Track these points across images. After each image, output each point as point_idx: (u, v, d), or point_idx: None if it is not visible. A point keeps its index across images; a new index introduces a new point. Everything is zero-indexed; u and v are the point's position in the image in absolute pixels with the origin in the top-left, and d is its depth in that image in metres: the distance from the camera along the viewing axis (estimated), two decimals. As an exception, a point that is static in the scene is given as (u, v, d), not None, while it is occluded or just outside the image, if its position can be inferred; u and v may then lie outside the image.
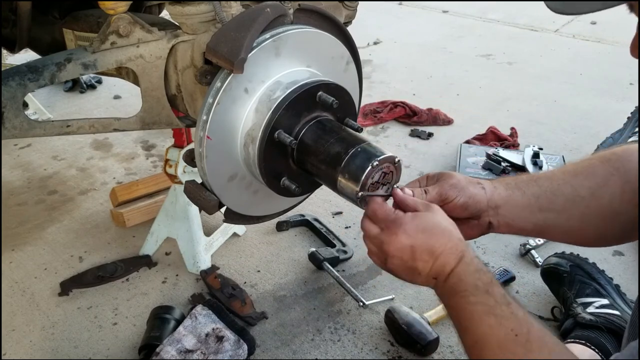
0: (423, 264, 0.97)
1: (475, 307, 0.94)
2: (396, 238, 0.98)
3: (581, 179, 1.12)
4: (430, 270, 0.98)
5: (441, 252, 0.97)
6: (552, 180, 1.14)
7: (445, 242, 0.97)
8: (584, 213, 1.12)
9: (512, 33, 4.17)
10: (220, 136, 1.13)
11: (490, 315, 0.92)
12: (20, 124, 1.18)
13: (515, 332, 0.90)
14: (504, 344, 0.90)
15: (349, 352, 1.61)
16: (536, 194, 1.13)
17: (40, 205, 2.30)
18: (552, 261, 1.73)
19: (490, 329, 0.91)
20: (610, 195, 1.10)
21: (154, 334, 1.60)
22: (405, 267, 0.99)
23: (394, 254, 0.99)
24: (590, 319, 1.51)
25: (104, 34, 1.20)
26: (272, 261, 1.97)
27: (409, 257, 0.98)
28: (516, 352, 0.89)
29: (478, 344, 0.93)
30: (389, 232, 0.99)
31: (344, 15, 1.55)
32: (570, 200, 1.12)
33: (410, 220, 0.98)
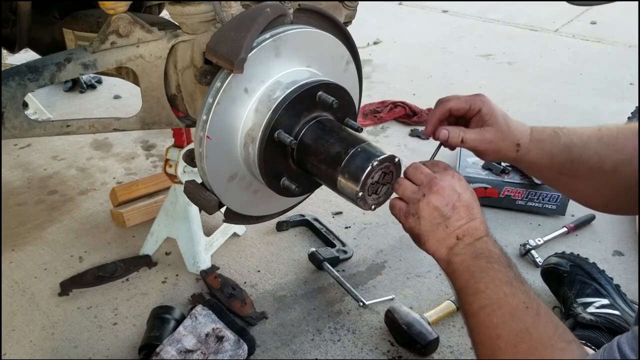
0: (458, 217, 1.02)
1: (496, 274, 0.97)
2: (452, 179, 1.03)
3: (611, 151, 1.13)
4: (460, 227, 1.02)
5: (476, 217, 1.02)
6: (584, 150, 1.15)
7: (480, 212, 1.04)
8: (600, 184, 1.15)
9: (512, 33, 4.17)
10: (220, 136, 1.13)
11: (508, 284, 0.96)
12: (20, 124, 1.18)
13: (526, 305, 0.93)
14: (515, 311, 0.93)
15: (349, 352, 1.61)
16: (563, 162, 1.16)
17: (40, 205, 2.30)
18: (552, 261, 1.73)
19: (505, 297, 0.95)
20: (631, 173, 1.11)
21: (154, 334, 1.60)
22: (439, 213, 1.02)
23: (441, 192, 1.02)
24: (591, 319, 1.51)
25: (104, 34, 1.20)
26: (272, 261, 1.97)
27: (451, 202, 1.02)
28: (526, 321, 0.92)
29: (489, 307, 0.95)
30: (448, 173, 1.04)
31: (344, 15, 1.55)
32: (593, 171, 1.15)
33: (444, 179, 1.03)
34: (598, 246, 1.99)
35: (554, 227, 2.07)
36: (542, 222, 2.12)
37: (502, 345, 0.92)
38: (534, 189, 2.13)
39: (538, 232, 2.05)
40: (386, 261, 1.95)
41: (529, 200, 2.15)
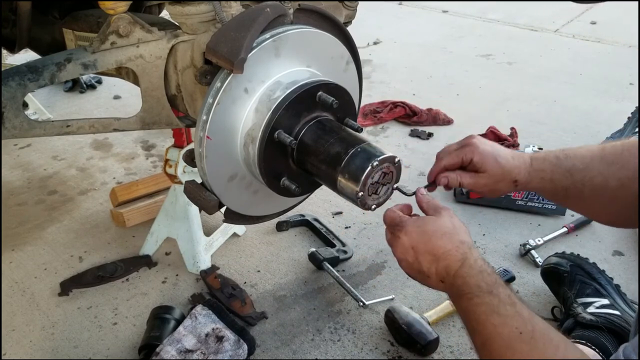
0: (427, 265, 1.02)
1: (479, 308, 0.95)
2: (399, 240, 1.05)
3: (615, 170, 1.13)
4: (435, 272, 1.01)
5: (442, 254, 1.00)
6: (587, 172, 1.15)
7: (445, 245, 1.00)
8: (608, 202, 1.15)
9: (512, 33, 4.17)
10: (220, 136, 1.13)
11: (494, 314, 0.93)
12: (20, 124, 1.18)
13: (519, 330, 0.91)
14: (509, 342, 0.91)
15: (349, 352, 1.61)
16: (566, 186, 1.16)
17: (40, 205, 2.30)
18: (552, 261, 1.73)
19: (495, 328, 0.93)
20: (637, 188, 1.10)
21: (154, 334, 1.60)
22: (413, 269, 1.05)
23: (400, 256, 1.05)
24: (591, 319, 1.51)
25: (104, 34, 1.20)
26: (272, 261, 1.97)
27: (413, 259, 1.03)
28: (522, 350, 0.90)
29: (486, 344, 0.95)
30: (394, 236, 1.07)
31: (344, 15, 1.55)
32: (598, 191, 1.14)
33: (412, 224, 1.04)
34: (598, 246, 1.99)
35: (554, 227, 2.07)
36: (542, 222, 2.12)
37: None
38: (534, 189, 2.13)
39: (538, 232, 2.05)
40: (386, 261, 1.94)
41: (529, 200, 2.14)
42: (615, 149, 1.16)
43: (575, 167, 1.16)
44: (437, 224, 1.03)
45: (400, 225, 1.05)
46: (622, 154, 1.14)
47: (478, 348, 0.97)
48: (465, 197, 2.21)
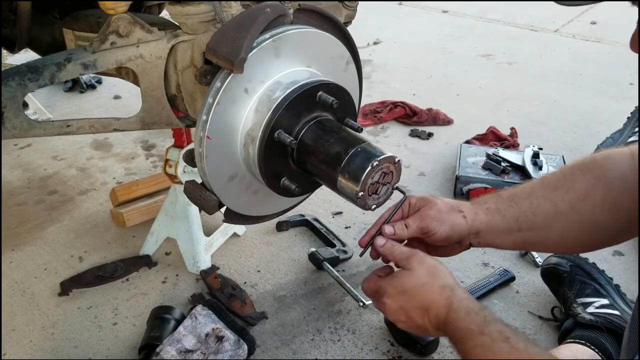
0: (420, 319, 1.02)
1: (474, 350, 0.94)
2: (385, 306, 1.05)
3: (561, 193, 1.12)
4: (429, 323, 1.01)
5: (428, 305, 1.00)
6: (532, 199, 1.14)
7: (427, 296, 1.00)
8: (565, 227, 1.12)
9: (512, 33, 4.17)
10: (220, 136, 1.13)
11: (489, 353, 0.92)
12: (20, 124, 1.18)
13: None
14: None
15: (349, 352, 1.61)
16: (515, 216, 1.14)
17: (40, 205, 2.30)
18: (552, 261, 1.73)
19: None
20: (592, 207, 1.09)
21: (154, 334, 1.60)
22: (411, 326, 1.05)
23: (393, 318, 1.06)
24: (591, 319, 1.51)
25: (104, 34, 1.20)
26: (272, 261, 1.97)
27: (406, 318, 1.04)
28: None
29: None
30: (379, 303, 1.07)
31: (344, 15, 1.55)
32: (550, 217, 1.12)
33: (389, 286, 1.04)
34: (598, 246, 1.99)
35: (554, 227, 2.07)
36: (542, 222, 2.12)
37: None
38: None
39: (538, 232, 2.05)
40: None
41: (529, 200, 2.14)
42: (555, 175, 1.16)
43: (517, 196, 1.15)
44: (413, 279, 1.02)
45: (380, 293, 1.05)
46: (565, 178, 1.14)
47: None
48: (466, 197, 2.20)
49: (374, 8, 4.55)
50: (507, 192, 1.17)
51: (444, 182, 2.38)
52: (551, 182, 1.15)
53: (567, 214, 1.11)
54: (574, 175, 1.13)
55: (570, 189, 1.11)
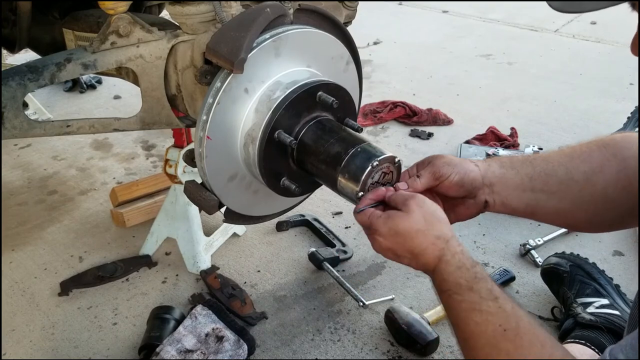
0: (408, 261, 1.02)
1: (460, 305, 0.94)
2: (376, 242, 1.04)
3: (577, 162, 1.12)
4: (416, 266, 1.02)
5: (419, 252, 0.99)
6: (547, 162, 1.14)
7: (420, 243, 0.98)
8: (577, 196, 1.12)
9: (512, 33, 4.17)
10: (220, 136, 1.13)
11: (475, 312, 0.91)
12: (20, 124, 1.18)
13: (503, 327, 0.89)
14: (492, 340, 0.89)
15: (349, 352, 1.61)
16: (530, 174, 1.13)
17: (40, 205, 2.30)
18: (552, 261, 1.73)
19: (477, 326, 0.91)
20: (605, 181, 1.10)
21: (154, 334, 1.60)
22: (401, 262, 1.04)
23: (383, 254, 1.05)
24: (590, 319, 1.51)
25: (104, 34, 1.20)
26: (272, 261, 1.97)
27: (394, 257, 1.03)
28: (507, 349, 0.88)
29: (469, 341, 0.93)
30: (370, 237, 1.05)
31: (344, 15, 1.55)
32: (564, 183, 1.12)
33: (383, 225, 1.01)
34: (598, 246, 1.99)
35: (554, 227, 2.06)
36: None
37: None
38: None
39: (538, 232, 2.05)
40: (386, 261, 1.94)
41: (529, 200, 2.14)
42: (572, 147, 1.16)
43: (533, 157, 1.16)
44: (408, 222, 0.98)
45: (372, 228, 1.02)
46: (581, 150, 1.14)
47: (460, 344, 0.96)
48: (465, 197, 2.20)
49: (374, 8, 4.55)
50: (523, 155, 1.18)
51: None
52: (568, 152, 1.15)
53: (580, 183, 1.11)
54: (591, 149, 1.13)
55: (586, 161, 1.12)
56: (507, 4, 4.65)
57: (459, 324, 0.94)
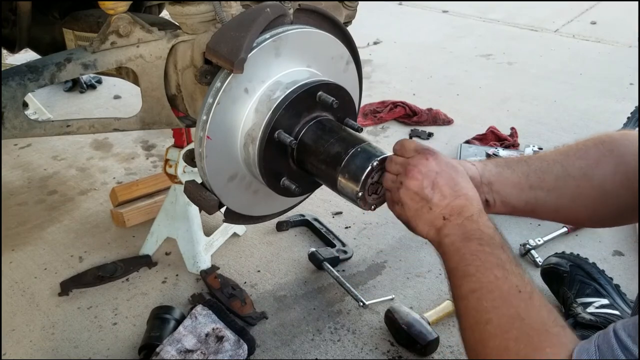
0: (440, 197, 0.99)
1: (488, 257, 0.93)
2: (426, 161, 1.00)
3: (573, 159, 1.12)
4: (445, 206, 0.99)
5: (463, 193, 0.99)
6: (543, 160, 1.14)
7: (469, 187, 1.01)
8: (575, 192, 1.12)
9: (512, 33, 4.17)
10: (220, 136, 1.13)
11: (500, 267, 0.92)
12: (20, 124, 1.18)
13: (519, 289, 0.90)
14: (507, 296, 0.90)
15: (349, 352, 1.61)
16: (526, 172, 1.13)
17: (40, 205, 2.30)
18: (552, 261, 1.73)
19: (497, 280, 0.91)
20: (602, 177, 1.10)
21: (154, 334, 1.60)
22: (420, 196, 1.00)
23: (416, 176, 1.00)
24: (590, 318, 1.51)
25: (104, 34, 1.20)
26: (272, 261, 1.97)
27: (429, 184, 0.99)
28: (518, 306, 0.88)
29: (480, 291, 0.92)
30: (420, 156, 1.01)
31: (344, 15, 1.55)
32: (561, 179, 1.12)
33: (441, 154, 1.02)
34: (598, 246, 1.99)
35: (554, 227, 2.07)
36: (542, 222, 2.12)
37: (492, 330, 0.88)
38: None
39: (538, 232, 2.05)
40: (386, 261, 1.95)
41: (529, 200, 2.14)
42: (568, 145, 1.16)
43: (528, 157, 1.16)
44: (461, 167, 1.03)
45: (431, 150, 1.02)
46: (577, 146, 1.14)
47: (463, 292, 0.94)
48: (465, 197, 2.20)
49: (374, 8, 4.55)
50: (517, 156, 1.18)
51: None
52: (563, 150, 1.15)
53: (578, 179, 1.11)
54: (587, 146, 1.13)
55: (582, 157, 1.12)
56: (507, 4, 4.65)
57: (477, 273, 0.93)
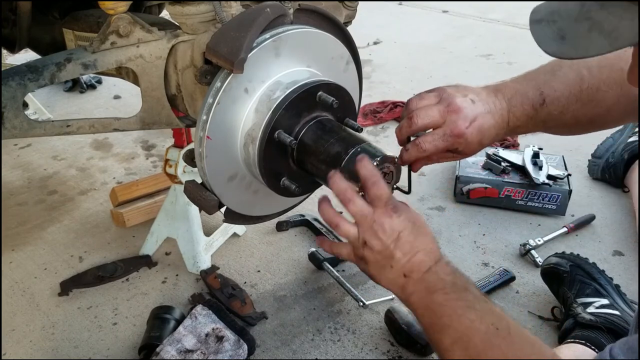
0: (401, 255, 0.98)
1: (456, 303, 0.94)
2: (391, 220, 0.98)
3: (588, 108, 1.13)
4: (405, 264, 0.98)
5: (420, 250, 0.98)
6: (560, 115, 1.15)
7: (426, 243, 0.99)
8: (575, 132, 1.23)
9: (512, 33, 4.17)
10: (220, 136, 1.13)
11: (471, 309, 0.93)
12: (20, 124, 1.18)
13: (496, 326, 0.90)
14: (486, 338, 0.90)
15: (349, 352, 1.61)
16: (536, 128, 1.19)
17: (40, 205, 2.30)
18: (552, 261, 1.73)
19: (472, 324, 0.91)
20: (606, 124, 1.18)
21: (154, 334, 1.60)
22: (383, 254, 0.99)
23: (380, 236, 0.98)
24: (590, 319, 1.51)
25: (104, 34, 1.20)
26: (272, 261, 1.97)
27: (392, 242, 0.97)
28: (500, 345, 0.89)
29: (461, 340, 0.92)
30: (385, 213, 0.98)
31: (344, 15, 1.55)
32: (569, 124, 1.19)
33: (407, 211, 1.00)
34: (598, 246, 1.99)
35: (554, 227, 2.07)
36: (542, 222, 2.12)
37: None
38: (534, 189, 2.13)
39: (538, 232, 2.05)
40: (386, 261, 1.94)
41: (529, 200, 2.14)
42: (592, 82, 1.13)
43: (551, 115, 1.15)
44: (423, 221, 1.02)
45: (398, 207, 0.99)
46: (599, 88, 1.13)
47: (448, 345, 0.93)
48: (466, 197, 2.21)
49: (374, 8, 4.55)
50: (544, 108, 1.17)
51: (444, 182, 2.38)
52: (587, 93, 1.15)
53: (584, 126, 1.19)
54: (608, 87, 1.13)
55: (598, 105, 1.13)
56: (507, 4, 4.64)
57: (452, 323, 0.93)
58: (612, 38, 0.70)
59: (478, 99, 1.13)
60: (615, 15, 0.69)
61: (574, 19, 0.74)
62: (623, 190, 2.26)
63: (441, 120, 1.11)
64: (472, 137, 1.11)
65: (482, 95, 1.14)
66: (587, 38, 0.73)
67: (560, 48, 0.77)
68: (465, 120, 1.09)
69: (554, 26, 0.77)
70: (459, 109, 1.10)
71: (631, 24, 0.68)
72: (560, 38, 0.77)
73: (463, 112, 1.10)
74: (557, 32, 0.77)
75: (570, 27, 0.75)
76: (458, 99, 1.10)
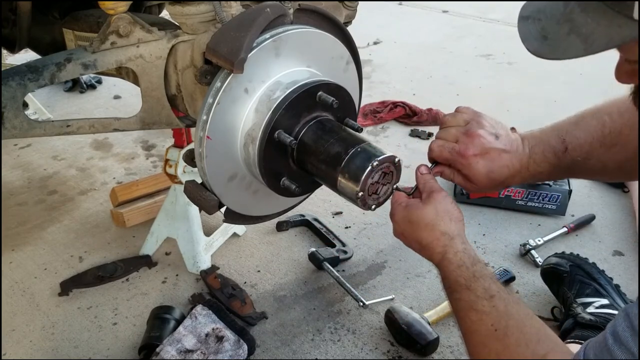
0: (417, 250, 1.08)
1: (458, 303, 1.00)
2: (393, 225, 1.12)
3: (613, 153, 1.13)
4: (425, 257, 1.08)
5: (425, 245, 1.05)
6: (585, 162, 1.15)
7: (427, 235, 1.04)
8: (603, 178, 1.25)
9: (512, 33, 4.15)
10: (220, 136, 1.13)
11: (471, 311, 0.97)
12: (20, 124, 1.18)
13: (494, 327, 0.93)
14: (484, 339, 0.95)
15: (349, 352, 1.61)
16: (562, 176, 1.24)
17: (40, 205, 2.30)
18: (552, 261, 1.73)
19: (472, 325, 0.97)
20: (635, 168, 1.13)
21: (154, 334, 1.60)
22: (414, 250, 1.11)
23: (397, 238, 1.12)
24: (590, 319, 1.51)
25: (104, 34, 1.20)
26: (272, 261, 1.97)
27: (405, 242, 1.11)
28: (496, 348, 0.93)
29: (466, 337, 0.99)
30: (391, 219, 1.12)
31: (344, 15, 1.55)
32: (597, 172, 1.21)
33: (400, 213, 1.09)
34: (598, 246, 1.99)
35: (554, 227, 2.07)
36: (542, 222, 2.12)
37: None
38: (534, 189, 2.13)
39: (538, 232, 2.05)
40: (386, 261, 1.95)
41: (529, 200, 2.14)
42: (614, 126, 1.14)
43: (575, 161, 1.15)
44: (420, 214, 1.06)
45: (392, 213, 1.11)
46: (622, 132, 1.13)
47: (462, 335, 1.01)
48: (466, 197, 2.21)
49: (374, 8, 4.55)
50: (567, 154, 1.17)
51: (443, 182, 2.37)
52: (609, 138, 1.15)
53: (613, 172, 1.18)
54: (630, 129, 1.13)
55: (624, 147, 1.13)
56: (507, 4, 4.64)
57: (459, 321, 1.01)
58: (588, 43, 0.70)
59: (504, 137, 1.14)
60: (593, 20, 0.69)
61: (557, 20, 0.75)
62: (623, 190, 2.26)
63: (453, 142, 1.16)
64: (478, 166, 1.12)
65: (510, 137, 1.16)
66: (566, 40, 0.73)
67: (541, 47, 0.77)
68: (475, 148, 1.11)
69: (539, 25, 0.78)
70: (475, 136, 1.12)
71: (606, 30, 0.68)
72: (542, 37, 0.77)
73: (478, 140, 1.12)
74: (540, 32, 0.77)
75: (553, 27, 0.75)
76: (481, 130, 1.13)
